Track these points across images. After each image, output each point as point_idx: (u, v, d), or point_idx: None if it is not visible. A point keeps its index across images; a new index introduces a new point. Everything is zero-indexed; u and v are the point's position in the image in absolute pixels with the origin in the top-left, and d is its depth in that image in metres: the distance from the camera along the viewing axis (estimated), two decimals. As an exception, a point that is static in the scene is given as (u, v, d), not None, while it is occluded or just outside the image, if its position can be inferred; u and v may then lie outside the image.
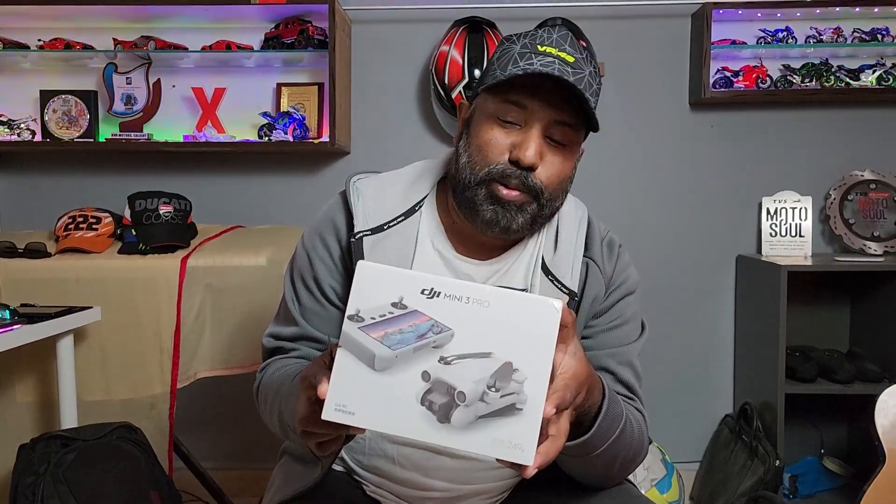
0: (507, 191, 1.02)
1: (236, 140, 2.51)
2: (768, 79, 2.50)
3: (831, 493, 2.48)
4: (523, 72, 0.97)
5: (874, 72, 2.49)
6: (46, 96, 2.49)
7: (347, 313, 0.74)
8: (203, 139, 2.48)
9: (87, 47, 2.48)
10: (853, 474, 2.50)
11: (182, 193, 2.26)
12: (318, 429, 0.80)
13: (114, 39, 2.48)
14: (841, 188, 2.55)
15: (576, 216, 1.16)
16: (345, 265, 1.13)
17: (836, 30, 2.49)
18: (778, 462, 2.22)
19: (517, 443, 0.71)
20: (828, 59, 2.51)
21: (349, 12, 2.54)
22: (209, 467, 2.35)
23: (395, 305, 0.73)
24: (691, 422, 2.66)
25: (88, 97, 2.50)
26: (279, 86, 2.56)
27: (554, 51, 1.00)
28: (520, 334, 0.72)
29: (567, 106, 1.00)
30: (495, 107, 1.02)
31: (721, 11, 2.44)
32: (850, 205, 2.54)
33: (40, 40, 2.48)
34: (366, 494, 1.15)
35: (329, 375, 0.73)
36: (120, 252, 2.12)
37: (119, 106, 2.50)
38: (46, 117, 2.49)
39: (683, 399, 2.66)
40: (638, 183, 2.63)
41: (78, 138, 2.49)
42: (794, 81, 2.50)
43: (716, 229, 2.63)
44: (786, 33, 2.50)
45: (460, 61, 2.37)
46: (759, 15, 2.49)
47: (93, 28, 2.52)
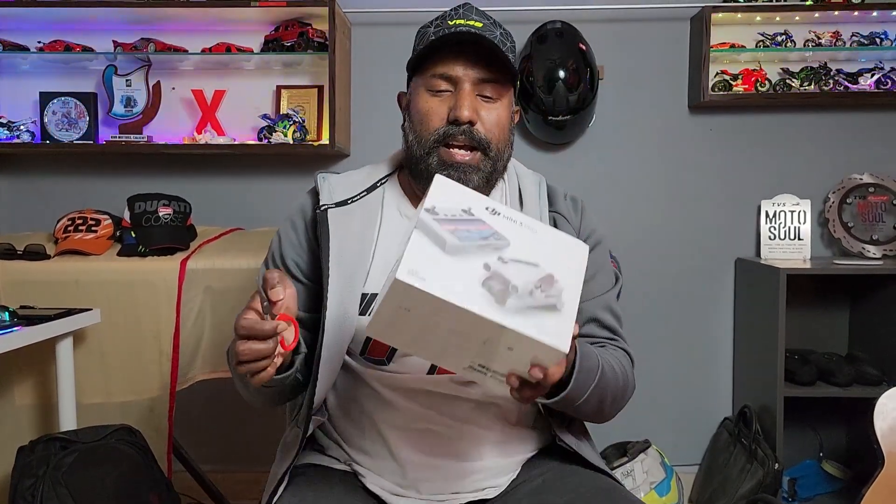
0: (457, 152, 1.13)
1: (236, 142, 2.51)
2: (767, 82, 2.51)
3: (830, 497, 2.48)
4: (435, 39, 1.11)
5: (873, 75, 2.49)
6: (46, 98, 2.49)
7: (425, 206, 0.84)
8: (203, 141, 2.48)
9: (86, 49, 2.49)
10: (852, 477, 2.50)
11: (182, 195, 2.26)
12: (259, 334, 0.92)
13: (114, 41, 2.49)
14: (840, 191, 2.56)
15: (535, 179, 1.27)
16: (308, 241, 1.22)
17: (834, 33, 2.50)
18: (777, 465, 2.23)
19: (557, 331, 0.82)
20: (826, 63, 2.52)
21: (349, 15, 2.54)
22: (208, 469, 2.35)
23: (464, 212, 0.86)
24: (690, 425, 2.66)
25: (88, 99, 2.50)
26: (279, 88, 2.56)
27: (462, 21, 1.14)
28: (559, 258, 0.86)
29: (487, 64, 1.12)
30: (425, 82, 1.15)
31: (720, 15, 2.45)
32: (848, 208, 2.54)
33: (40, 42, 2.48)
34: (366, 489, 1.15)
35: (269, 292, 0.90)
36: (119, 254, 2.11)
37: (119, 108, 2.50)
38: (46, 119, 2.49)
39: (682, 402, 2.66)
40: (637, 186, 2.63)
41: (77, 140, 2.49)
42: (793, 85, 2.50)
43: (715, 232, 2.63)
44: (785, 37, 2.50)
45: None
46: (758, 18, 2.50)
47: (93, 30, 2.52)
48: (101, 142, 2.51)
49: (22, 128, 2.50)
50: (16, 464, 1.72)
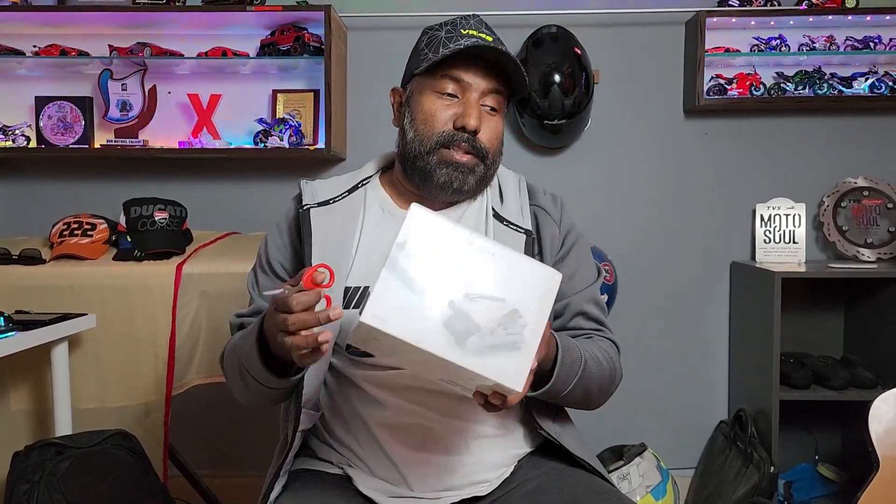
0: (459, 154, 1.16)
1: (232, 146, 2.51)
2: (762, 86, 2.51)
3: (826, 500, 2.48)
4: (460, 48, 1.13)
5: (867, 79, 2.50)
6: (41, 102, 2.49)
7: (396, 241, 0.87)
8: (199, 145, 2.48)
9: (82, 53, 2.48)
10: (847, 480, 2.51)
11: (177, 200, 2.26)
12: (306, 356, 0.94)
13: (109, 46, 2.49)
14: (834, 195, 2.56)
15: (515, 176, 1.32)
16: (292, 242, 1.26)
17: (828, 38, 2.51)
18: (773, 469, 2.23)
19: (514, 371, 0.86)
20: (821, 67, 2.53)
21: (345, 19, 2.54)
22: (204, 475, 2.35)
23: (437, 244, 0.87)
24: (686, 428, 2.66)
25: (84, 103, 2.50)
26: (275, 92, 2.56)
27: (475, 32, 1.17)
28: (528, 290, 0.88)
29: (496, 77, 1.17)
30: (434, 83, 1.18)
31: (715, 19, 2.45)
32: (843, 212, 2.55)
33: (35, 46, 2.48)
34: (359, 493, 1.16)
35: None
36: (115, 259, 2.12)
37: (114, 112, 2.50)
38: (41, 123, 2.48)
39: (678, 405, 2.66)
40: (632, 190, 2.64)
41: (73, 145, 2.48)
42: (788, 89, 2.51)
43: (710, 236, 2.64)
44: (779, 41, 2.51)
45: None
46: (753, 23, 2.51)
47: (88, 34, 2.52)
48: (96, 146, 2.51)
49: (17, 132, 2.49)
50: (11, 469, 1.71)
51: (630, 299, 2.59)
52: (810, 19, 2.48)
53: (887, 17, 2.46)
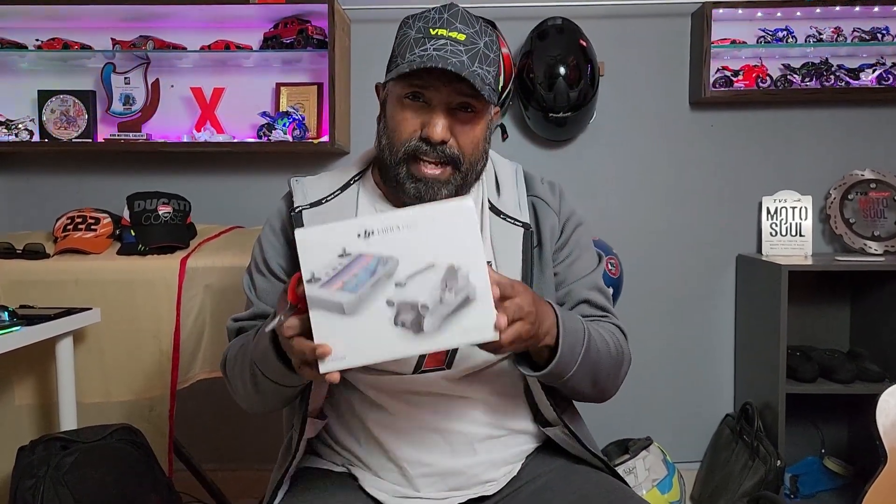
0: (426, 168, 1.10)
1: (235, 140, 2.50)
2: (768, 78, 2.50)
3: (832, 493, 2.47)
4: (418, 66, 1.04)
5: (874, 71, 2.48)
6: (44, 96, 2.48)
7: (305, 279, 0.83)
8: (202, 139, 2.47)
9: (85, 47, 2.47)
10: (854, 474, 2.50)
11: (181, 194, 2.25)
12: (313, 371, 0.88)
13: (112, 39, 2.47)
14: (841, 187, 2.55)
15: (511, 167, 1.26)
16: (287, 240, 1.21)
17: (835, 29, 2.49)
18: (779, 462, 2.22)
19: (478, 325, 0.82)
20: (828, 59, 2.51)
21: (348, 12, 2.53)
22: (209, 469, 2.35)
23: (341, 256, 0.83)
24: (692, 421, 2.65)
25: (86, 97, 2.49)
26: (278, 86, 2.55)
27: (445, 31, 1.08)
28: (449, 238, 0.83)
29: (465, 84, 1.06)
30: (401, 90, 1.10)
31: (721, 11, 2.44)
32: (850, 204, 2.54)
33: (38, 40, 2.47)
34: (364, 491, 1.15)
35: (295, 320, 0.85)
36: (119, 253, 2.11)
37: (117, 106, 2.49)
38: (44, 117, 2.47)
39: (684, 399, 2.65)
40: (637, 183, 2.62)
41: (76, 138, 2.47)
42: (794, 81, 2.49)
43: (716, 229, 2.63)
44: (786, 33, 2.49)
45: (460, 61, 2.36)
46: (759, 14, 2.49)
47: (91, 28, 2.51)
48: (99, 140, 2.50)
49: (20, 126, 2.48)
50: (16, 464, 1.71)
51: (635, 293, 2.58)
52: (817, 10, 2.46)
53: (895, 8, 2.44)
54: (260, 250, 1.24)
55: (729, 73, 2.51)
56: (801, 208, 2.53)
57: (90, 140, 2.48)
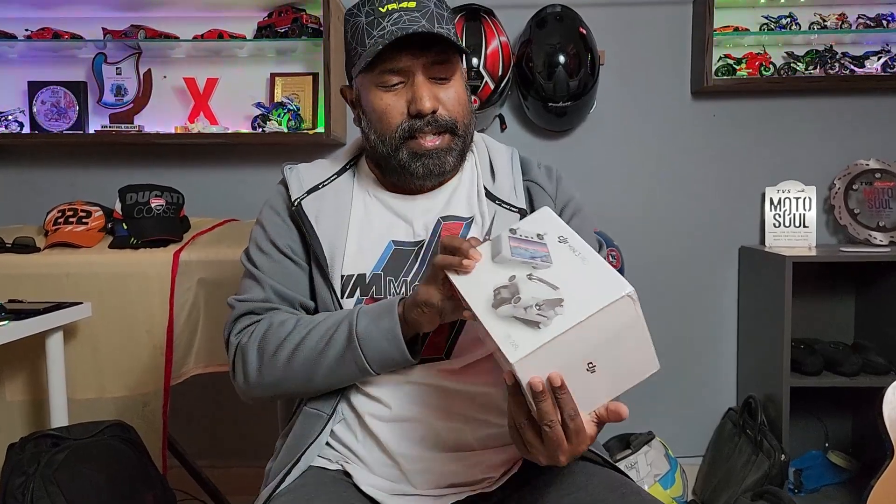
0: (426, 141, 1.11)
1: (229, 131, 2.46)
2: (771, 66, 2.46)
3: (836, 487, 2.44)
4: (383, 43, 1.05)
5: (879, 58, 2.44)
6: (35, 88, 2.45)
7: (510, 226, 0.97)
8: (195, 130, 2.43)
9: (75, 37, 2.43)
10: (858, 468, 2.47)
11: (174, 186, 2.22)
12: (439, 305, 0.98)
13: (103, 29, 2.43)
14: (845, 177, 2.51)
15: (507, 150, 1.25)
16: (296, 223, 1.19)
17: (840, 16, 2.44)
18: (783, 457, 2.19)
19: (519, 344, 0.82)
20: (832, 46, 2.47)
21: (344, 0, 2.49)
22: (204, 465, 2.32)
23: (538, 236, 0.95)
24: (694, 415, 2.62)
25: (78, 88, 2.45)
26: (273, 76, 2.51)
27: (394, 5, 1.08)
28: (586, 289, 0.85)
29: (432, 47, 1.08)
30: (374, 79, 1.11)
31: (723, -3, 2.40)
32: (854, 194, 2.50)
33: (28, 30, 2.43)
34: (358, 489, 1.11)
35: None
36: (111, 246, 2.08)
37: (109, 97, 2.45)
38: (35, 109, 2.44)
39: (686, 392, 2.62)
40: (639, 173, 2.59)
41: (67, 130, 2.44)
42: (798, 69, 2.45)
43: (718, 220, 2.59)
44: (789, 20, 2.45)
45: (458, 49, 2.32)
46: (762, 1, 2.45)
47: (81, 17, 2.47)
48: (91, 132, 2.46)
49: (10, 118, 2.45)
50: (6, 461, 1.68)
51: (637, 285, 2.49)
52: (821, -4, 2.42)
53: (900, -6, 2.40)
54: (263, 231, 1.21)
55: (731, 62, 2.47)
56: (804, 199, 2.49)
57: (81, 132, 2.45)
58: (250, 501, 1.14)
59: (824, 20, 2.45)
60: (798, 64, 2.46)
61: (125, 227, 2.10)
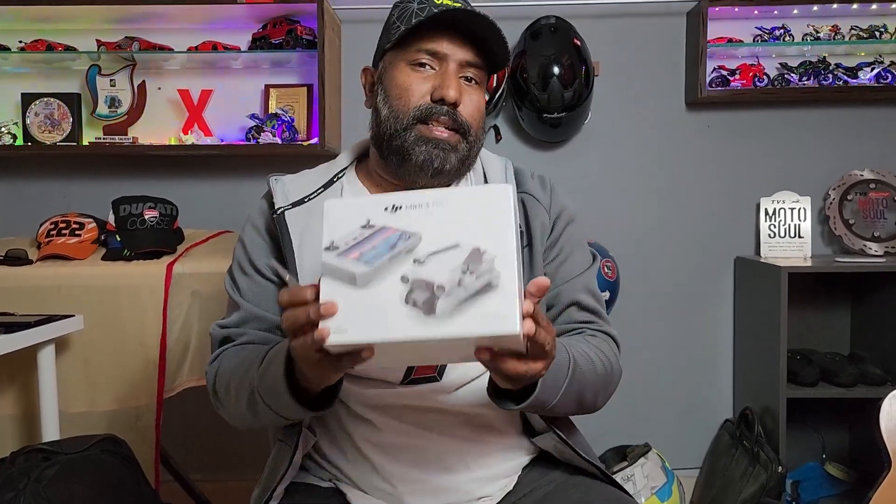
0: (437, 130, 1.07)
1: (223, 143, 2.46)
2: (765, 77, 2.46)
3: (834, 499, 2.42)
4: (434, 13, 1.03)
5: (872, 69, 2.45)
6: (28, 99, 2.44)
7: (323, 246, 0.79)
8: (189, 142, 2.43)
9: (69, 49, 2.43)
10: (856, 479, 2.46)
11: (168, 198, 2.21)
12: (320, 364, 0.82)
13: (97, 41, 2.43)
14: (840, 188, 2.51)
15: (500, 161, 1.22)
16: (273, 238, 1.16)
17: (833, 27, 2.46)
18: (780, 468, 2.18)
19: (500, 313, 0.73)
20: (825, 57, 2.48)
21: (338, 12, 2.49)
22: (197, 479, 2.30)
23: (363, 228, 0.79)
24: (691, 427, 2.61)
25: (71, 100, 2.45)
26: (267, 87, 2.51)
27: (449, 2, 1.06)
28: (480, 221, 0.76)
29: (474, 47, 1.08)
30: (408, 56, 1.08)
31: (717, 9, 2.40)
32: (849, 205, 2.50)
33: (21, 42, 2.42)
34: None
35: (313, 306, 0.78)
36: (104, 258, 2.07)
37: (103, 108, 2.45)
38: (28, 121, 2.43)
39: (682, 404, 2.61)
40: (633, 184, 2.59)
41: (61, 142, 2.43)
42: (792, 80, 2.46)
43: (713, 231, 2.59)
44: (783, 31, 2.46)
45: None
46: (756, 12, 2.46)
47: (75, 29, 2.46)
48: (84, 143, 2.45)
49: (3, 130, 2.44)
50: (-5, 477, 1.66)
51: (632, 296, 2.54)
52: (814, 8, 2.43)
53: (893, 6, 2.42)
54: (243, 250, 1.18)
55: (725, 73, 2.48)
56: (799, 209, 2.49)
57: (75, 143, 2.44)
58: (244, 516, 1.12)
59: (817, 31, 2.46)
60: (792, 75, 2.46)
61: (118, 238, 2.10)
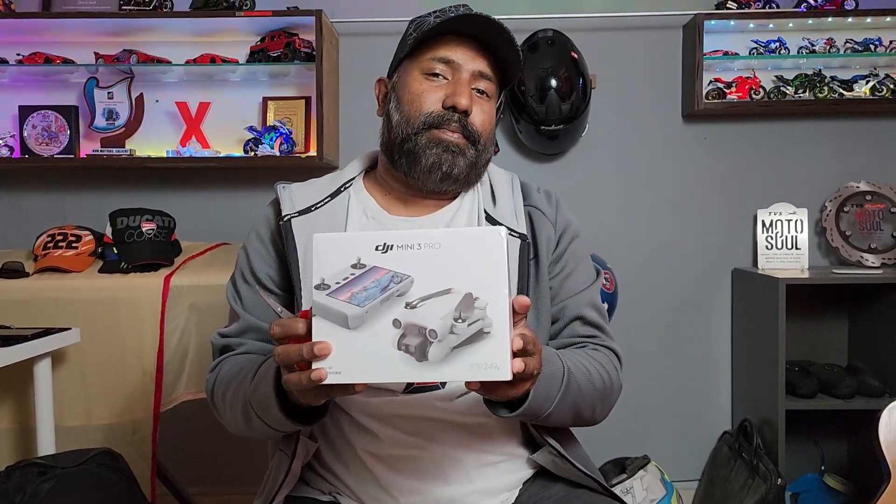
0: (447, 134, 1.09)
1: (221, 155, 2.45)
2: (761, 90, 2.48)
3: (833, 511, 2.43)
4: (449, 17, 1.06)
5: (867, 82, 2.47)
6: (26, 112, 2.44)
7: (314, 284, 0.79)
8: (187, 154, 2.43)
9: (67, 61, 2.43)
10: (855, 491, 2.45)
11: (166, 210, 2.21)
12: (311, 393, 0.84)
13: (95, 53, 2.43)
14: (837, 200, 2.52)
15: (507, 175, 1.23)
16: (277, 249, 1.17)
17: (828, 40, 2.47)
18: (780, 480, 2.17)
19: (492, 362, 0.75)
20: (821, 70, 2.49)
21: (336, 25, 2.50)
22: (195, 493, 2.28)
23: (354, 267, 0.79)
24: (689, 439, 2.60)
25: (69, 112, 2.45)
26: (265, 100, 2.51)
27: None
28: (473, 265, 0.77)
29: (486, 58, 1.11)
30: (420, 65, 1.11)
31: (713, 22, 2.42)
32: (846, 216, 2.51)
33: (19, 54, 2.42)
34: None
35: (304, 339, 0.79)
36: (101, 271, 2.06)
37: (101, 121, 2.45)
38: (26, 133, 2.43)
39: (681, 416, 2.61)
40: (631, 197, 2.59)
41: (58, 154, 2.43)
42: (788, 92, 2.47)
43: (711, 242, 2.59)
44: (778, 44, 2.48)
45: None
46: (752, 26, 2.47)
47: (73, 42, 2.47)
48: (82, 156, 2.45)
49: (1, 142, 2.43)
50: (-9, 491, 1.65)
51: (630, 308, 2.54)
52: (809, 21, 2.44)
53: (887, 19, 2.42)
54: (246, 259, 1.18)
55: (722, 85, 2.49)
56: (796, 221, 2.50)
57: (72, 156, 2.44)
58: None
59: (813, 45, 2.47)
60: (788, 88, 2.48)
61: (116, 251, 2.09)
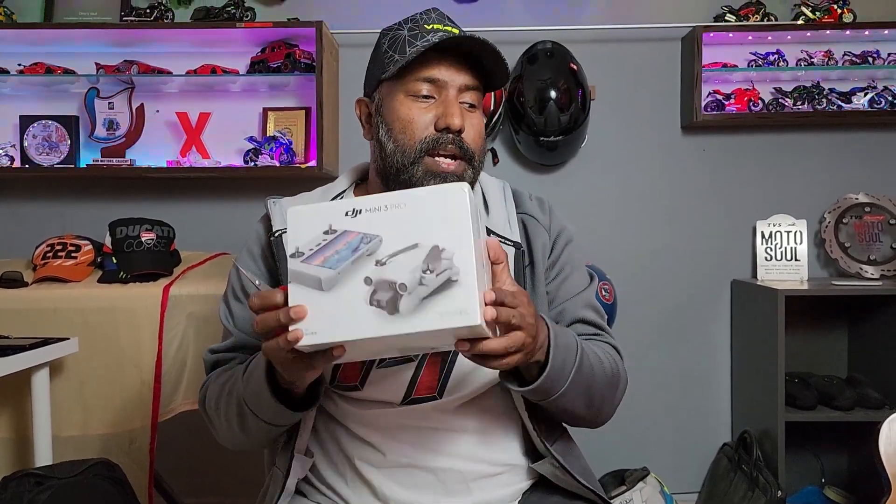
0: (443, 161, 1.06)
1: (221, 165, 2.46)
2: (760, 102, 2.48)
3: (833, 524, 2.42)
4: (433, 43, 1.02)
5: (866, 94, 2.47)
6: (26, 122, 2.45)
7: (288, 253, 0.82)
8: (187, 164, 2.43)
9: (68, 72, 2.44)
10: (855, 503, 2.45)
11: (165, 220, 2.21)
12: (294, 364, 0.85)
13: (96, 64, 2.44)
14: (836, 211, 2.52)
15: (498, 183, 1.22)
16: (268, 266, 1.16)
17: (826, 52, 2.48)
18: (780, 492, 2.16)
19: (460, 308, 0.77)
20: (819, 82, 2.50)
21: (336, 36, 2.51)
22: (191, 504, 2.27)
23: (326, 233, 0.82)
24: (689, 451, 2.59)
25: (69, 122, 2.45)
26: (265, 110, 2.52)
27: (439, 26, 1.07)
28: (438, 220, 0.80)
29: (469, 69, 1.08)
30: (404, 87, 1.07)
31: (711, 35, 2.43)
32: (845, 228, 2.51)
33: (20, 65, 2.43)
34: None
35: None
36: (100, 281, 2.06)
37: (101, 131, 2.45)
38: (26, 143, 2.43)
39: (681, 427, 2.60)
40: (630, 208, 2.59)
41: (58, 164, 2.43)
42: (786, 104, 2.48)
43: (710, 254, 2.59)
44: (777, 56, 2.49)
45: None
46: (750, 38, 2.48)
47: (74, 52, 2.47)
48: (82, 166, 2.45)
49: (1, 152, 2.44)
50: (-13, 502, 1.64)
51: (629, 319, 2.53)
52: (808, 34, 2.45)
53: (885, 32, 2.43)
54: (238, 277, 1.18)
55: (720, 97, 2.49)
56: (795, 232, 2.50)
57: (73, 166, 2.44)
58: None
59: (811, 57, 2.48)
60: (786, 100, 2.49)
61: (115, 261, 2.09)
